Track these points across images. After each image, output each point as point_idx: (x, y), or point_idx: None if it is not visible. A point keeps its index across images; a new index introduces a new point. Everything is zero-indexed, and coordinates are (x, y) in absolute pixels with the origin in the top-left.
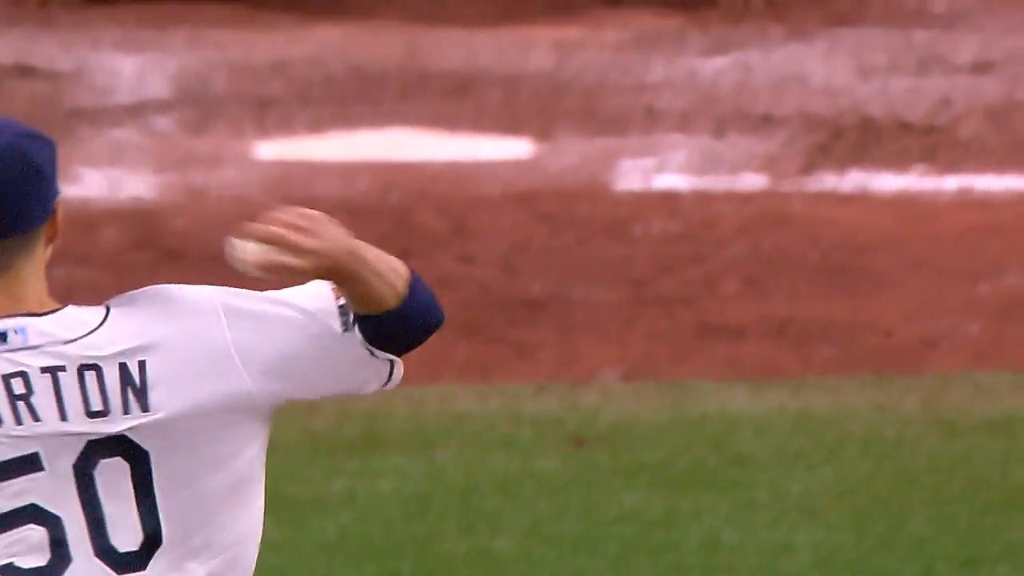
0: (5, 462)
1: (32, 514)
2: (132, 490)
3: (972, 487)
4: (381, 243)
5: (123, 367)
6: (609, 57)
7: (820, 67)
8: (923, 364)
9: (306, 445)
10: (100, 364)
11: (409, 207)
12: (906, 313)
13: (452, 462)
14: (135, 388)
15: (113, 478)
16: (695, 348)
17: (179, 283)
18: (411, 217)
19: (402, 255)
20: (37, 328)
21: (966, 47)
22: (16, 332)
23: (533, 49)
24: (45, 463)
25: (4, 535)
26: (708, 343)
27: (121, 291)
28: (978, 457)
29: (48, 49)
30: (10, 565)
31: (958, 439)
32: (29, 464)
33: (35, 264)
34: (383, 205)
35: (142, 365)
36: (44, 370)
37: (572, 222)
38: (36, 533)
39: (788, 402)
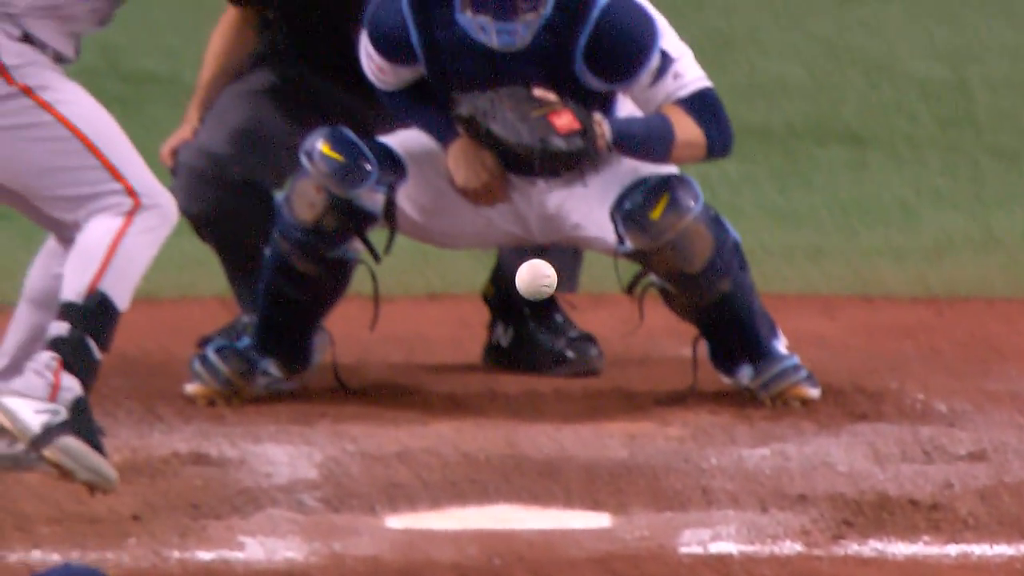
0: None
1: None
2: None
3: None
4: None
5: None
6: (673, 447)
7: (844, 455)
8: None
9: None
10: None
11: (509, 569)
12: None
13: None
14: None
15: None
16: None
17: None
18: None
19: None
20: None
21: (963, 440)
22: None
23: (610, 440)
24: None
25: None
26: None
27: None
28: None
29: (217, 440)
30: None
31: None
32: None
33: None
34: (488, 567)
35: None
36: None
37: None
38: None
39: None
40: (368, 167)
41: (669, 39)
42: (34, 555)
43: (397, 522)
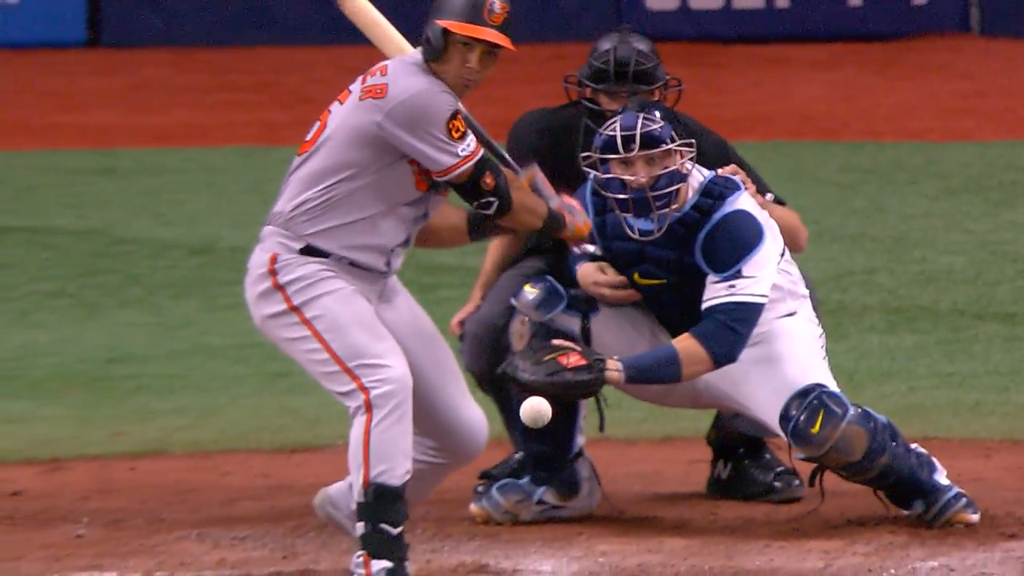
0: None
1: None
2: None
3: None
4: None
5: None
6: (859, 560)
7: (998, 568)
8: None
9: None
10: None
11: None
12: None
13: None
14: None
15: None
16: None
17: None
18: None
19: None
20: None
21: None
22: None
23: (809, 554)
24: None
25: None
26: None
27: None
28: None
29: (495, 553)
30: None
31: None
32: None
33: None
34: None
35: None
36: None
37: None
38: None
39: None
40: (559, 296)
41: (759, 259)
42: None
43: None
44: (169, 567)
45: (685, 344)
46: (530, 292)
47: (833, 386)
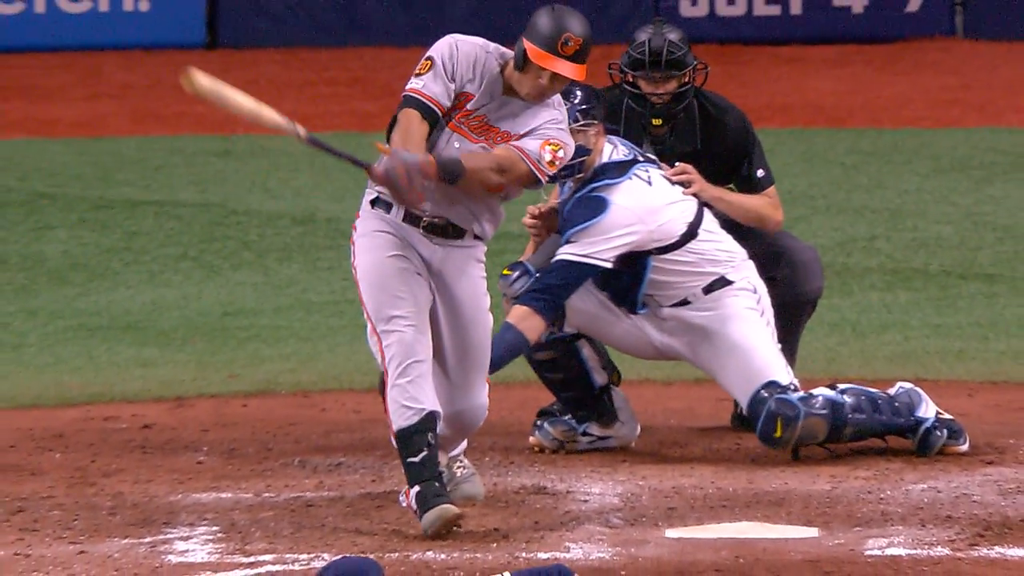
0: None
1: None
2: None
3: None
4: None
5: None
6: (861, 483)
7: (979, 489)
8: None
9: None
10: None
11: (750, 568)
12: None
13: None
14: None
15: None
16: None
17: None
18: None
19: None
20: None
21: None
22: None
23: (818, 478)
24: None
25: None
26: None
27: None
28: None
29: (551, 477)
30: None
31: None
32: None
33: None
34: (735, 566)
35: None
36: None
37: None
38: None
39: None
40: (530, 275)
41: (589, 231)
42: (428, 555)
43: (673, 533)
44: (276, 489)
45: (514, 310)
46: (506, 275)
47: (781, 372)
